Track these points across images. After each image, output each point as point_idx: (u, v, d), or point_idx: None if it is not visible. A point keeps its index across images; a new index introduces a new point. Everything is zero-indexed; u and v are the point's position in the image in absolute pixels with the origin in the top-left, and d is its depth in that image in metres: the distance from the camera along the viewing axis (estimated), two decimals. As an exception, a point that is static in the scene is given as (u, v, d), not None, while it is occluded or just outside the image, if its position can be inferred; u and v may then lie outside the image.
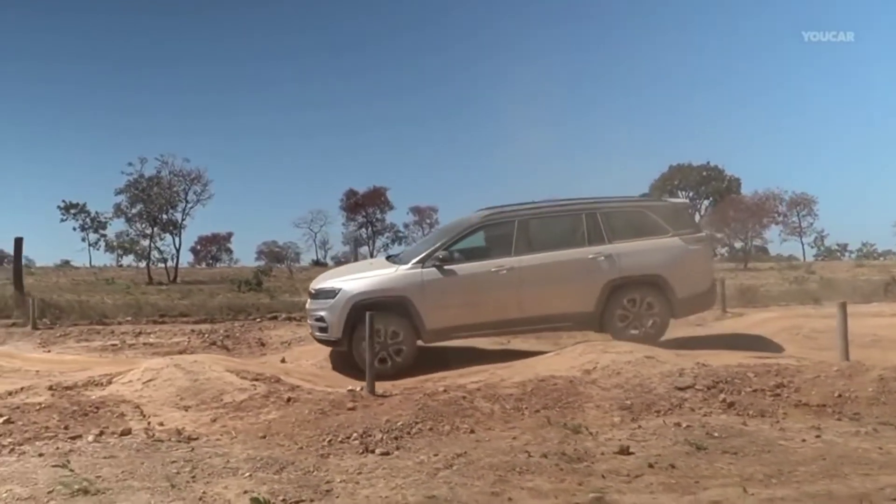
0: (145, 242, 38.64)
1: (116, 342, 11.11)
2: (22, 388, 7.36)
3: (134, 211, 38.00)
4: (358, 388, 7.03)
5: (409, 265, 8.98)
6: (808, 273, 32.98)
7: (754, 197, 61.81)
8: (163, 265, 40.25)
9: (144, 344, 11.06)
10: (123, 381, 7.29)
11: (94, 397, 6.76)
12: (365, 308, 8.08)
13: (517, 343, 10.24)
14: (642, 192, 65.45)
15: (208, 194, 40.12)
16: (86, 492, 4.31)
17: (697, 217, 64.39)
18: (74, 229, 69.25)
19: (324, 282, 9.40)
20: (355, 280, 9.08)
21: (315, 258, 73.18)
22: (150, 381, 7.19)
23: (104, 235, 77.09)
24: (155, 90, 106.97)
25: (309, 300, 9.52)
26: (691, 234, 9.27)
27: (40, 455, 5.19)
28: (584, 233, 9.04)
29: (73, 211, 72.43)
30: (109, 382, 7.37)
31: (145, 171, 37.48)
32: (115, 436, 5.77)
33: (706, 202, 66.21)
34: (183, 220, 39.12)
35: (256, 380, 7.40)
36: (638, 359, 7.46)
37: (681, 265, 8.99)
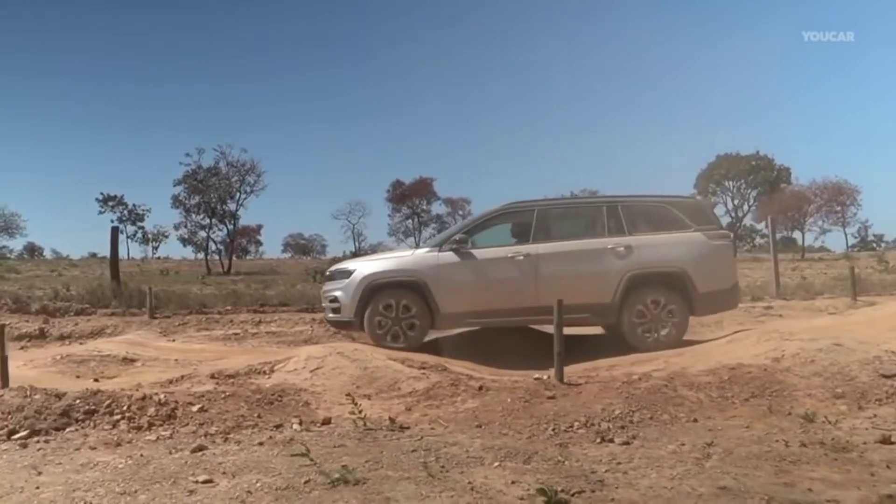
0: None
1: (238, 331, 11.05)
2: (182, 377, 7.27)
3: (192, 202, 38.22)
4: (545, 377, 6.80)
5: (427, 248, 9.08)
6: (882, 262, 32.15)
7: (812, 186, 60.73)
8: (216, 256, 40.50)
9: (267, 333, 10.97)
10: (288, 370, 7.15)
11: (267, 385, 6.61)
12: (379, 288, 8.44)
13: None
14: (690, 183, 65.00)
15: (262, 185, 40.25)
16: (345, 481, 4.13)
17: (746, 207, 63.59)
18: (112, 221, 70.51)
19: (341, 265, 9.57)
20: (371, 262, 9.26)
21: (354, 249, 73.44)
22: (316, 369, 7.04)
23: (142, 227, 78.68)
24: (186, 81, 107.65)
25: (324, 283, 9.61)
26: (715, 230, 9.17)
27: (260, 444, 5.05)
28: (604, 224, 9.03)
29: (111, 203, 73.95)
30: (272, 371, 7.24)
31: (203, 162, 37.69)
32: (317, 425, 5.66)
33: (754, 192, 65.11)
34: (237, 211, 39.34)
35: (423, 368, 7.25)
36: (827, 346, 7.13)
37: (703, 260, 8.86)
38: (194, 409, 5.73)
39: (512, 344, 9.22)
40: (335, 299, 9.02)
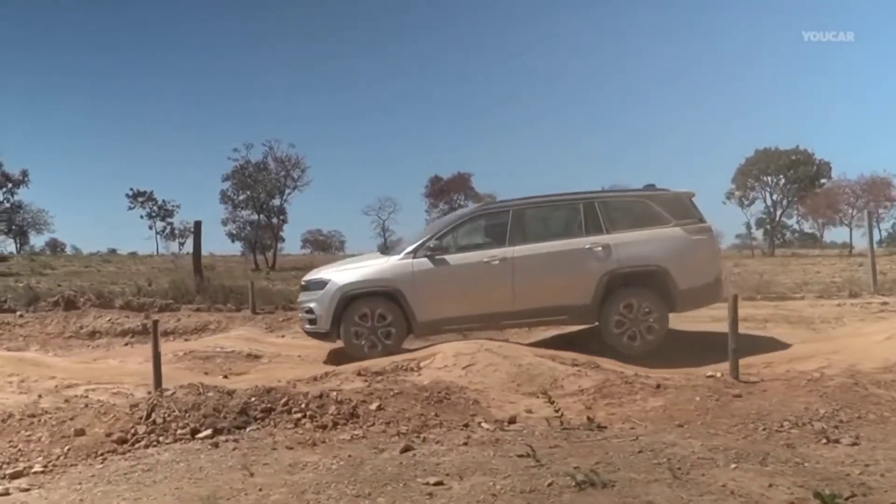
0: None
1: None
2: (327, 374, 7.19)
3: (241, 197, 38.32)
4: (718, 374, 6.62)
5: (401, 255, 8.91)
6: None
7: (861, 181, 59.80)
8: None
9: None
10: (437, 367, 7.04)
11: (425, 382, 6.49)
12: (354, 299, 8.42)
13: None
14: (727, 178, 64.23)
15: (305, 181, 40.17)
16: (592, 483, 3.97)
17: (785, 203, 62.83)
18: (142, 217, 71.11)
19: (314, 274, 9.38)
20: (345, 271, 9.10)
21: (384, 245, 73.21)
22: (469, 366, 6.93)
23: (171, 223, 79.23)
24: (211, 76, 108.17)
25: (300, 294, 9.47)
26: (694, 223, 8.92)
27: (465, 444, 4.92)
28: (581, 223, 8.83)
29: (140, 199, 74.59)
30: (419, 367, 7.14)
31: (250, 157, 37.65)
32: (503, 423, 5.52)
33: (792, 187, 64.28)
34: (281, 206, 39.40)
35: (576, 365, 7.11)
36: None
37: (683, 255, 8.68)
38: (372, 407, 5.62)
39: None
40: (311, 310, 8.93)
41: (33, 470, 4.81)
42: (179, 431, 5.26)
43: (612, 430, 5.21)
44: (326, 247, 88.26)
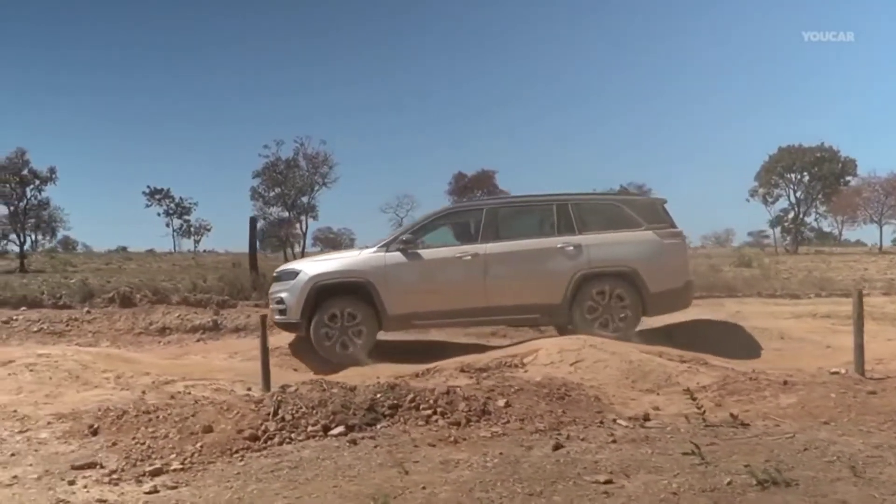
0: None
1: None
2: (428, 370, 7.13)
3: (272, 194, 38.34)
4: (842, 371, 6.51)
5: (374, 248, 8.95)
6: None
7: (892, 178, 59.21)
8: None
9: None
10: (543, 363, 6.99)
11: (537, 379, 6.42)
12: (325, 291, 8.44)
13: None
14: (750, 176, 63.87)
15: (333, 178, 40.08)
16: (775, 482, 3.88)
17: (809, 200, 62.42)
18: (159, 214, 71.37)
19: (288, 266, 9.50)
20: (318, 262, 9.20)
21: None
22: (577, 362, 6.88)
23: (187, 221, 79.40)
24: (230, 71, 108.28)
25: (273, 284, 9.47)
26: (666, 228, 9.02)
27: (613, 441, 4.82)
28: (553, 223, 8.93)
29: (157, 196, 74.84)
30: (523, 364, 7.08)
31: (282, 154, 37.57)
32: (638, 420, 5.42)
33: (817, 184, 63.77)
34: (309, 203, 39.38)
35: (684, 361, 7.03)
36: None
37: (654, 259, 8.79)
38: (500, 404, 5.56)
39: (715, 338, 8.95)
40: (281, 300, 8.93)
41: (172, 467, 4.76)
42: (310, 428, 5.19)
43: (757, 428, 5.11)
44: (337, 244, 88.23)
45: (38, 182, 34.88)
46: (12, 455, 5.18)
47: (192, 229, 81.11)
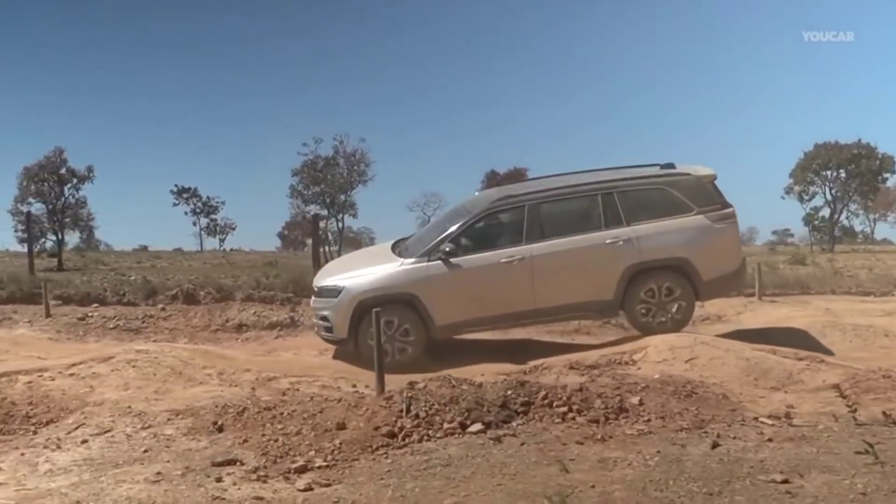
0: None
1: None
2: (535, 367, 7.06)
3: (311, 192, 38.27)
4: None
5: (414, 259, 8.64)
6: None
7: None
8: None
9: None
10: (656, 360, 6.92)
11: (655, 376, 6.34)
12: (370, 307, 7.84)
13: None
14: (785, 173, 63.18)
15: (369, 176, 39.86)
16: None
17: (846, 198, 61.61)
18: (186, 213, 71.78)
19: (326, 278, 9.13)
20: (358, 277, 8.75)
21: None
22: (691, 359, 6.81)
23: (214, 220, 79.76)
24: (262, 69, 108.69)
25: (313, 297, 9.29)
26: (718, 209, 8.65)
27: (769, 440, 4.72)
28: (600, 215, 8.58)
29: (185, 195, 75.27)
30: (633, 361, 6.98)
31: (321, 152, 37.43)
32: (779, 419, 5.34)
33: (853, 181, 62.88)
34: (345, 201, 39.23)
35: (800, 359, 6.90)
36: None
37: (706, 246, 8.47)
38: (634, 401, 5.47)
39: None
40: (325, 318, 8.76)
41: (316, 465, 4.73)
42: (447, 425, 5.14)
43: (912, 427, 4.98)
44: (357, 244, 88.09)
45: (75, 181, 35.06)
46: (145, 451, 5.19)
47: (217, 228, 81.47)
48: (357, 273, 8.87)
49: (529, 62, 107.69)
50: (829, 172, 63.34)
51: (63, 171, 34.55)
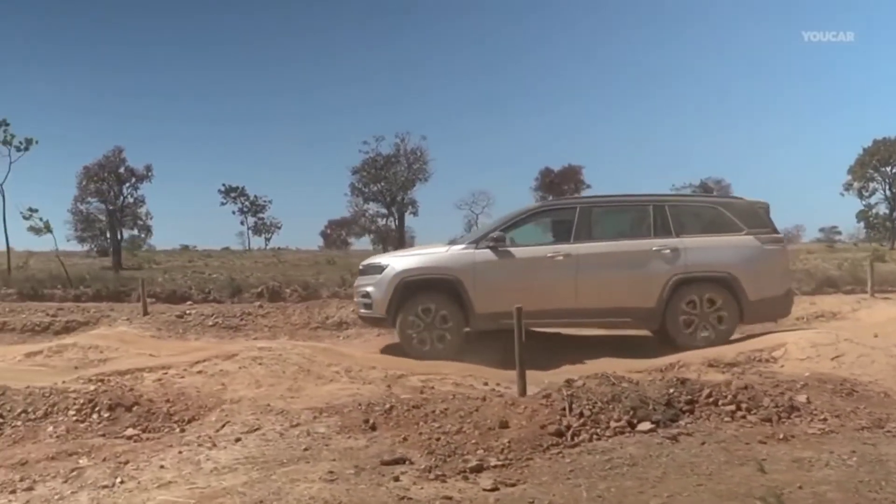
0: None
1: None
2: (671, 364, 6.96)
3: (373, 189, 38.53)
4: None
5: (463, 245, 8.92)
6: None
7: None
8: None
9: None
10: (799, 357, 6.89)
11: (805, 374, 6.18)
12: (412, 286, 8.48)
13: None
14: (843, 170, 62.09)
15: (427, 174, 39.88)
16: None
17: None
18: (234, 213, 72.80)
19: (373, 259, 9.52)
20: (404, 257, 9.20)
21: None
22: (837, 357, 6.77)
23: (262, 219, 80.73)
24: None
25: (357, 277, 9.60)
26: (768, 233, 8.75)
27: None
28: (649, 225, 8.74)
29: (232, 194, 76.33)
30: (773, 358, 6.88)
31: (382, 150, 37.59)
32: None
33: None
34: (403, 199, 39.36)
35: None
36: None
37: (754, 265, 8.52)
38: (802, 399, 5.33)
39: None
40: (367, 294, 8.96)
41: (491, 464, 4.67)
42: (614, 424, 5.05)
43: None
44: (399, 245, 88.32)
45: (133, 180, 35.68)
46: (305, 450, 5.16)
47: (264, 227, 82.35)
48: (403, 254, 9.47)
49: (588, 61, 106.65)
50: (888, 168, 62.12)
51: (122, 170, 35.23)
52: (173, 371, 7.42)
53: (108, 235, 36.63)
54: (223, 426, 5.84)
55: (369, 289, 8.93)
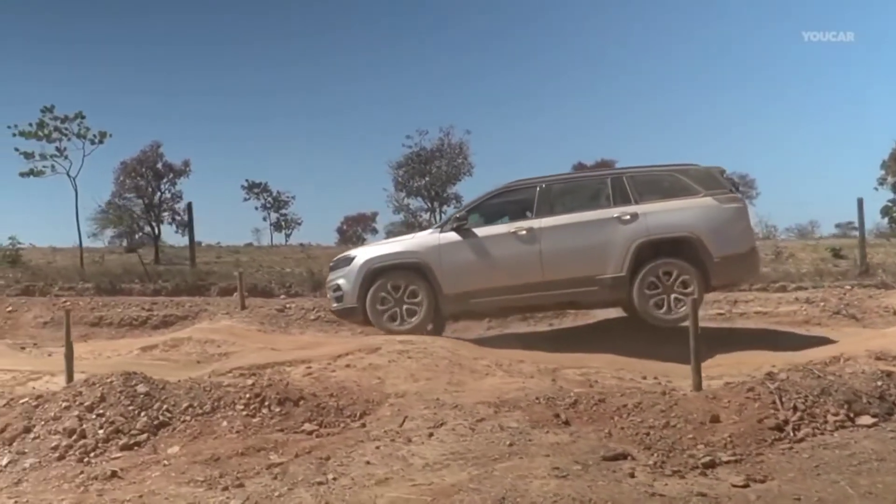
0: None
1: (722, 311, 10.72)
2: (835, 357, 6.84)
3: (417, 184, 38.22)
4: None
5: (430, 231, 9.20)
6: None
7: None
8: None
9: (755, 313, 10.56)
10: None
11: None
12: (380, 273, 8.74)
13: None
14: (876, 164, 61.62)
15: (468, 168, 39.51)
16: None
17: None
18: (256, 209, 72.48)
19: (344, 253, 9.74)
20: (372, 247, 9.51)
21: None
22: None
23: (284, 215, 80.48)
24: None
25: (329, 274, 9.70)
26: (726, 193, 8.83)
27: None
28: (609, 195, 8.86)
29: (255, 190, 76.04)
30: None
31: (425, 144, 37.27)
32: None
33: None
34: (444, 194, 39.11)
35: None
36: None
37: (714, 223, 8.55)
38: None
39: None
40: (338, 287, 9.14)
41: (724, 459, 4.58)
42: (831, 418, 4.95)
43: None
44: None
45: (171, 175, 35.54)
46: (510, 445, 5.08)
47: (285, 223, 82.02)
48: (372, 245, 9.78)
49: (621, 53, 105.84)
50: (917, 161, 61.63)
51: (160, 165, 35.11)
52: (317, 365, 7.33)
53: (144, 231, 36.35)
54: (404, 421, 5.75)
55: (340, 281, 9.13)
